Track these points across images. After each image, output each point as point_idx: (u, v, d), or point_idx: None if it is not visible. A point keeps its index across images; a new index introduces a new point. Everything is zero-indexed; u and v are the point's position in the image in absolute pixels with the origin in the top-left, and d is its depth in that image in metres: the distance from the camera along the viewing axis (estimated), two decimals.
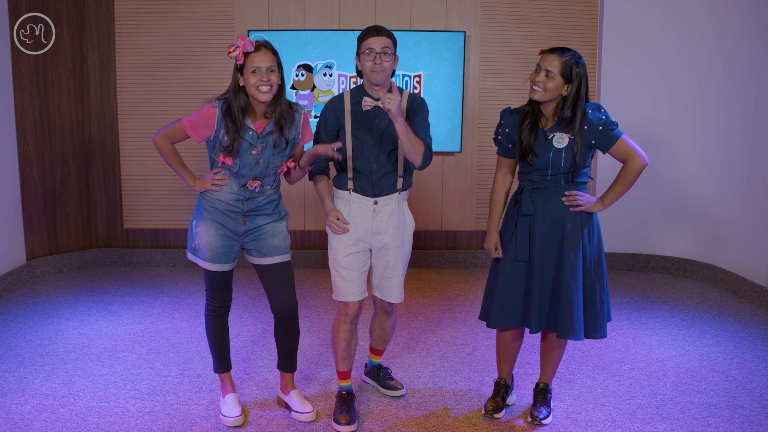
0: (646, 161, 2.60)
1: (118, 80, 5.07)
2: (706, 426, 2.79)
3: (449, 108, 5.05)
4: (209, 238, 2.65)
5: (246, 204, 2.65)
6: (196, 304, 4.28)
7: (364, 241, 2.75)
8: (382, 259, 2.78)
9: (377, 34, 2.60)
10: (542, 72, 2.54)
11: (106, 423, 2.75)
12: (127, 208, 5.24)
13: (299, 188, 5.14)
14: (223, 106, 2.53)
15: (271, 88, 2.48)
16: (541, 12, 5.06)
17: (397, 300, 2.86)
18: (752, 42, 4.53)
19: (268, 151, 2.58)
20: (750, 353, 3.57)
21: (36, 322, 3.92)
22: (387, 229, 2.74)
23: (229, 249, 2.68)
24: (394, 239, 2.76)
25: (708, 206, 4.93)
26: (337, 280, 2.76)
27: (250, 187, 2.61)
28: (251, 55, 2.47)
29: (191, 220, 2.73)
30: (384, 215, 2.73)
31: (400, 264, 2.80)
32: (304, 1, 5.01)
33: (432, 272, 5.13)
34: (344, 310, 2.78)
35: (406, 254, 2.83)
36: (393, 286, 2.82)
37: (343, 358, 2.82)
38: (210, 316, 2.78)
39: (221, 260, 2.67)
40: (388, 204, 2.74)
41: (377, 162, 2.69)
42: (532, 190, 2.66)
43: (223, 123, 2.52)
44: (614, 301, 4.44)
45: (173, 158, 2.67)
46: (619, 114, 5.01)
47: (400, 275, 2.82)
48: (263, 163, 2.59)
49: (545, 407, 2.82)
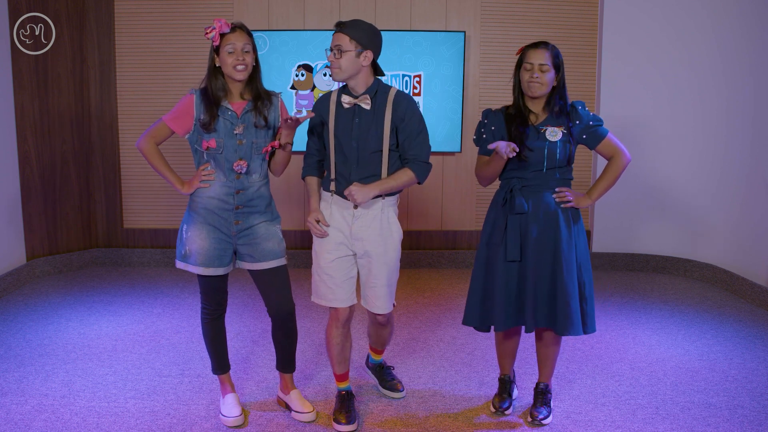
0: (629, 158, 2.70)
1: (118, 80, 5.08)
2: (706, 426, 2.79)
3: (449, 108, 5.05)
4: (201, 241, 2.63)
5: (237, 198, 2.63)
6: (196, 304, 4.28)
7: (345, 245, 2.65)
8: (365, 266, 2.68)
9: (337, 29, 2.53)
10: (536, 67, 2.58)
11: (106, 423, 2.75)
12: (127, 208, 5.24)
13: (299, 188, 5.14)
14: (200, 91, 2.59)
15: (246, 67, 2.54)
16: (541, 12, 5.07)
17: (382, 311, 2.72)
18: (752, 42, 4.53)
19: (250, 131, 2.61)
20: (750, 353, 3.57)
21: (36, 322, 3.92)
22: (368, 236, 2.62)
23: (223, 252, 2.65)
24: (376, 247, 2.63)
25: (708, 206, 4.93)
26: (320, 285, 2.69)
27: (236, 168, 2.59)
28: (227, 35, 2.53)
29: (181, 226, 2.71)
30: (365, 221, 2.62)
31: (384, 273, 2.66)
32: (304, 1, 5.01)
33: (432, 272, 5.13)
34: (334, 315, 2.73)
35: (391, 264, 2.67)
36: (377, 296, 2.69)
37: (338, 362, 2.80)
38: (206, 319, 2.77)
39: (215, 264, 2.64)
40: (370, 210, 2.62)
41: (357, 163, 2.59)
42: (521, 187, 2.66)
43: (202, 105, 2.57)
44: (614, 301, 4.45)
45: (159, 161, 2.65)
46: (619, 114, 5.02)
47: (385, 285, 2.68)
48: (247, 144, 2.60)
49: (545, 407, 2.82)
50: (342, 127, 2.60)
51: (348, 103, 2.57)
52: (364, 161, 2.60)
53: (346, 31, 2.50)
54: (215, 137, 2.57)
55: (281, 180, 5.14)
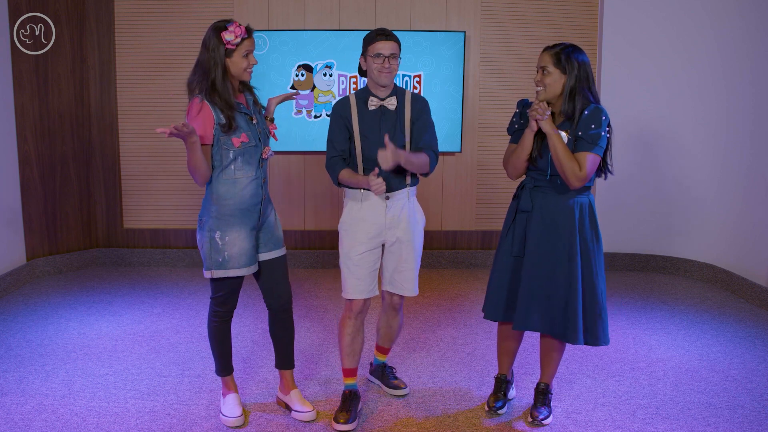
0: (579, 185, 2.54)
1: (118, 80, 5.07)
2: (706, 426, 2.79)
3: (449, 108, 5.05)
4: (242, 242, 2.64)
5: (264, 188, 2.72)
6: (196, 304, 4.28)
7: (378, 237, 2.80)
8: (395, 253, 2.84)
9: (386, 38, 2.69)
10: (539, 71, 2.60)
11: (106, 423, 2.75)
12: (127, 208, 5.24)
13: (299, 188, 5.14)
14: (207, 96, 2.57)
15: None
16: (541, 12, 5.07)
17: (411, 293, 2.90)
18: (752, 42, 4.53)
19: (260, 118, 2.73)
20: (750, 353, 3.57)
21: (36, 322, 3.92)
22: (399, 223, 2.81)
23: (255, 249, 2.72)
24: (406, 233, 2.82)
25: (708, 206, 4.93)
26: (348, 277, 2.79)
27: (266, 156, 2.69)
28: (245, 40, 2.60)
29: (208, 235, 2.62)
30: (395, 210, 2.80)
31: (413, 257, 2.86)
32: (304, 1, 5.01)
33: (432, 272, 5.13)
34: (350, 307, 2.82)
35: (418, 248, 2.89)
36: (406, 279, 2.88)
37: (347, 354, 2.84)
38: (215, 321, 2.77)
39: (254, 260, 2.70)
40: (399, 199, 2.81)
41: None
42: (533, 187, 2.69)
43: (216, 108, 2.57)
44: (614, 301, 4.45)
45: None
46: (619, 113, 5.02)
47: (413, 269, 2.88)
48: (263, 131, 2.71)
49: (545, 407, 2.83)
50: (368, 127, 2.76)
51: (375, 104, 2.75)
52: None
53: (396, 40, 2.73)
54: (243, 131, 2.60)
55: (281, 180, 5.14)
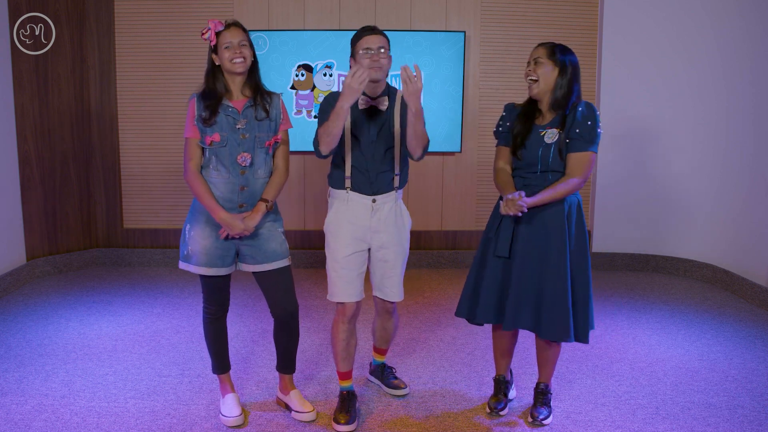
0: (580, 186, 2.60)
1: (118, 80, 5.08)
2: (706, 426, 2.79)
3: (449, 108, 5.05)
4: (204, 241, 2.62)
5: (241, 195, 2.62)
6: (196, 304, 4.28)
7: (363, 240, 2.74)
8: (381, 258, 2.78)
9: (372, 32, 2.62)
10: (531, 62, 2.63)
11: (106, 423, 2.75)
12: (127, 208, 5.24)
13: (299, 188, 5.14)
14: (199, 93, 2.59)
15: (244, 60, 2.56)
16: (541, 12, 5.07)
17: (397, 298, 2.86)
18: (752, 42, 4.53)
19: (253, 125, 2.62)
20: (750, 353, 3.57)
21: (36, 322, 3.92)
22: (386, 227, 2.74)
23: (225, 252, 2.65)
24: (392, 237, 2.76)
25: (708, 206, 4.93)
26: (336, 280, 2.74)
27: (240, 161, 2.59)
28: (223, 33, 2.58)
29: (184, 225, 2.69)
30: (382, 213, 2.73)
31: (399, 262, 2.81)
32: (304, 1, 5.01)
33: (432, 272, 5.13)
34: (342, 311, 2.77)
35: (405, 252, 2.83)
36: (394, 284, 2.83)
37: (342, 358, 2.82)
38: (207, 319, 2.77)
39: (217, 264, 2.64)
40: (386, 202, 2.74)
41: (373, 160, 2.70)
42: (522, 186, 2.67)
43: (201, 102, 2.58)
44: (614, 301, 4.45)
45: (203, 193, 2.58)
46: (619, 113, 5.03)
47: (399, 274, 2.83)
48: (250, 138, 2.61)
49: (545, 407, 2.82)
50: (359, 125, 2.70)
51: (365, 103, 2.66)
52: (379, 157, 2.71)
53: (383, 34, 2.63)
54: (218, 131, 2.57)
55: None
